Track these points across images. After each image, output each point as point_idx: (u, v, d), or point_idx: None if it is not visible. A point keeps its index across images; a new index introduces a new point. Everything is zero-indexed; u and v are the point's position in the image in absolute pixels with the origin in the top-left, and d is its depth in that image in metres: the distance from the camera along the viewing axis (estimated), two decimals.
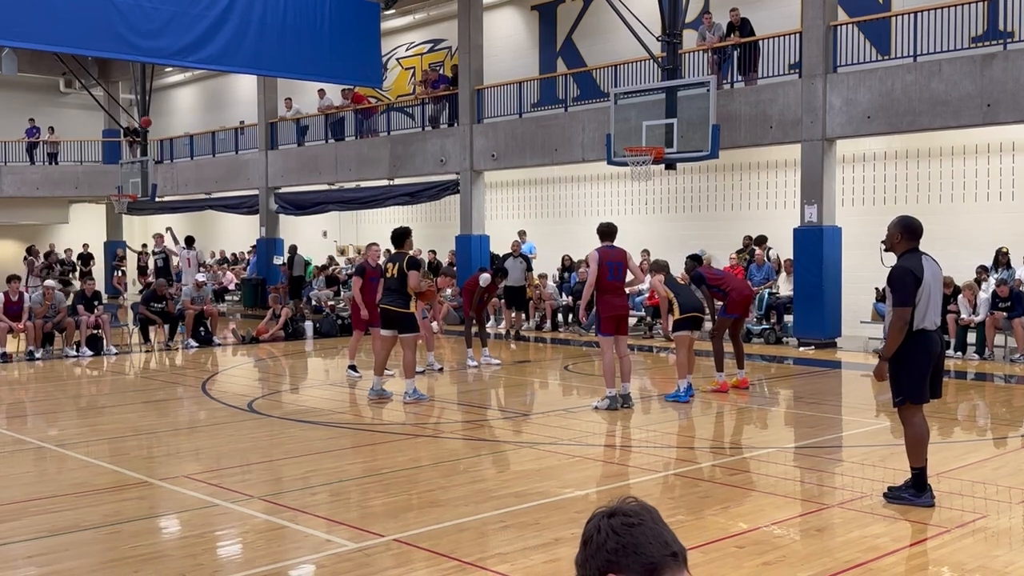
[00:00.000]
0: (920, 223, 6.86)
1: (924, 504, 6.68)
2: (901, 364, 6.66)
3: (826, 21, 16.38)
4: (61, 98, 35.18)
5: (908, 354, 6.64)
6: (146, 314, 18.21)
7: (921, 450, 6.77)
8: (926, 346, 6.65)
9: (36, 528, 6.40)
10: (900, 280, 6.61)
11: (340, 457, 8.68)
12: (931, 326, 6.67)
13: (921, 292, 6.58)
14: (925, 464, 6.78)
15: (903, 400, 6.73)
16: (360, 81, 23.86)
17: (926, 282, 6.60)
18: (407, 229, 11.66)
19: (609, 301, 10.69)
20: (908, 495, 6.76)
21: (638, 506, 1.97)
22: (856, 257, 17.10)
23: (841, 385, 13.51)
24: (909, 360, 6.65)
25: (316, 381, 14.53)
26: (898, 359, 6.66)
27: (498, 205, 24.60)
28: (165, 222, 36.00)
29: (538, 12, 24.12)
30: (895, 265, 6.74)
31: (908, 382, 6.68)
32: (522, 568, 5.50)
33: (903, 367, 6.66)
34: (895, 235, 6.79)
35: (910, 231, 6.77)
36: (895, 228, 6.81)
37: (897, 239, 6.78)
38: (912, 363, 6.65)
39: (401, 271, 11.19)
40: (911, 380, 6.67)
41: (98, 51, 20.29)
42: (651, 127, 16.44)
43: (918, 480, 6.77)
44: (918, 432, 6.78)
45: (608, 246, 10.81)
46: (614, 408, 10.66)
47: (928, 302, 6.62)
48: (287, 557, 5.86)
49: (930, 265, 6.69)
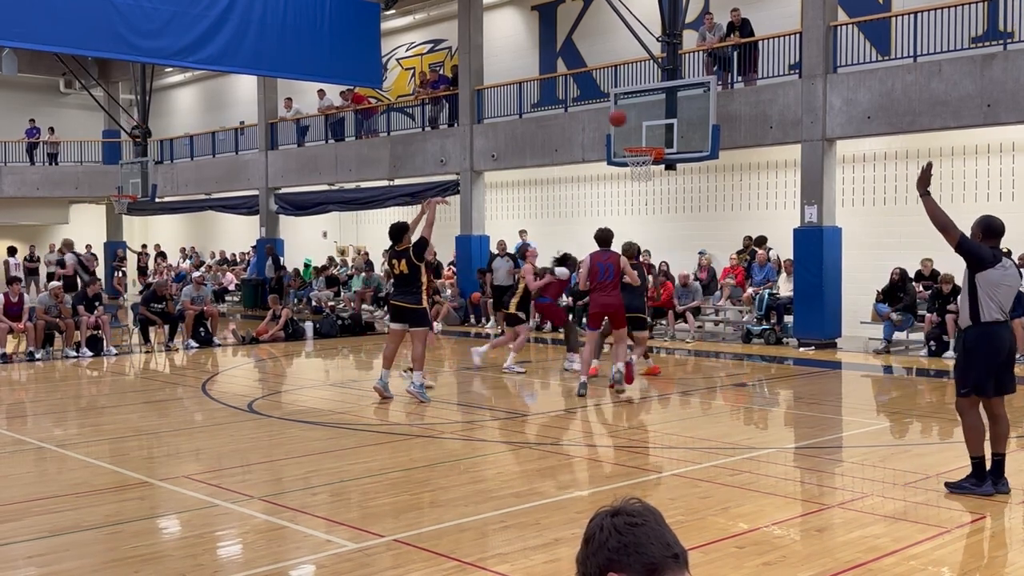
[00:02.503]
0: (1001, 222, 6.84)
1: (984, 493, 6.78)
2: (970, 355, 6.68)
3: (826, 21, 16.38)
4: (61, 98, 35.17)
5: (978, 346, 6.66)
6: (146, 314, 18.20)
7: (979, 440, 6.84)
8: (994, 338, 6.68)
9: (37, 528, 6.41)
10: (981, 253, 6.62)
11: (340, 457, 8.68)
12: (1001, 317, 6.68)
13: (990, 281, 6.60)
14: (983, 454, 6.87)
15: (969, 391, 6.76)
16: (360, 81, 23.87)
17: (997, 273, 6.60)
18: (405, 224, 11.70)
19: (596, 299, 11.71)
20: (968, 484, 6.87)
21: (641, 506, 1.98)
22: (856, 257, 17.11)
23: (841, 386, 13.51)
24: (979, 352, 6.66)
25: (316, 381, 14.52)
26: (966, 350, 6.71)
27: (498, 205, 24.60)
28: (165, 222, 36.15)
29: (538, 12, 24.11)
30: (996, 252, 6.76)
31: (975, 374, 6.71)
32: (522, 568, 5.50)
33: (972, 358, 6.68)
34: (976, 235, 6.77)
35: (991, 230, 6.75)
36: (976, 228, 6.78)
37: (979, 239, 6.75)
38: (982, 355, 6.67)
39: (411, 264, 11.25)
40: (978, 372, 6.71)
41: (98, 51, 20.29)
42: (651, 127, 16.44)
43: (978, 469, 6.86)
44: (975, 422, 6.85)
45: (602, 251, 11.74)
46: (582, 395, 11.62)
47: (997, 294, 6.64)
48: (287, 557, 5.86)
49: (1010, 265, 6.75)
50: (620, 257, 11.80)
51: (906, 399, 12.30)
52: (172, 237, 35.57)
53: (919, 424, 10.37)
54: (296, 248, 29.09)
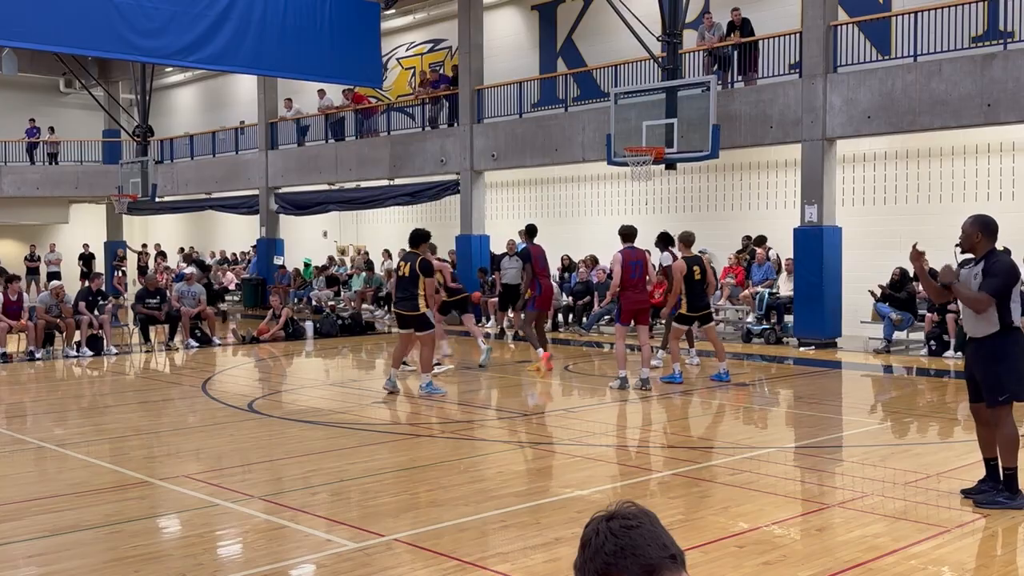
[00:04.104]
0: (995, 220, 6.68)
1: (1019, 507, 6.51)
2: (1002, 363, 6.51)
3: (826, 21, 16.38)
4: (61, 98, 35.17)
5: (1009, 352, 6.51)
6: (143, 311, 18.19)
7: (1016, 450, 6.65)
8: (1022, 341, 6.55)
9: (37, 528, 6.41)
10: (1007, 272, 6.47)
11: (340, 457, 8.69)
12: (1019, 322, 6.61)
13: (1016, 290, 6.53)
14: (1017, 465, 6.65)
15: (1008, 398, 6.55)
16: (360, 81, 23.87)
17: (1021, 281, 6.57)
18: (427, 233, 11.97)
19: (630, 296, 11.96)
20: (1003, 499, 6.58)
21: (636, 509, 1.98)
22: (856, 257, 17.11)
23: (841, 385, 13.51)
24: (1011, 358, 6.51)
25: (316, 381, 14.53)
26: (997, 358, 6.52)
27: (498, 205, 24.60)
28: (165, 222, 36.14)
29: (538, 12, 24.11)
30: (1002, 257, 6.57)
31: (1012, 378, 6.52)
32: (522, 568, 5.51)
33: (1004, 365, 6.51)
34: (974, 235, 6.56)
35: (989, 230, 6.57)
36: (973, 227, 6.57)
37: (977, 238, 6.55)
38: (1014, 360, 6.52)
39: (413, 270, 11.48)
40: (1013, 377, 6.53)
41: (98, 51, 20.28)
42: (651, 127, 16.44)
43: (1011, 481, 6.61)
44: (1014, 431, 6.67)
45: (630, 247, 12.03)
46: (624, 388, 11.86)
47: (1019, 299, 6.58)
48: (287, 557, 5.87)
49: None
50: (646, 253, 12.37)
51: (906, 399, 12.30)
52: (172, 237, 35.56)
53: (919, 424, 10.37)
54: (296, 248, 29.10)
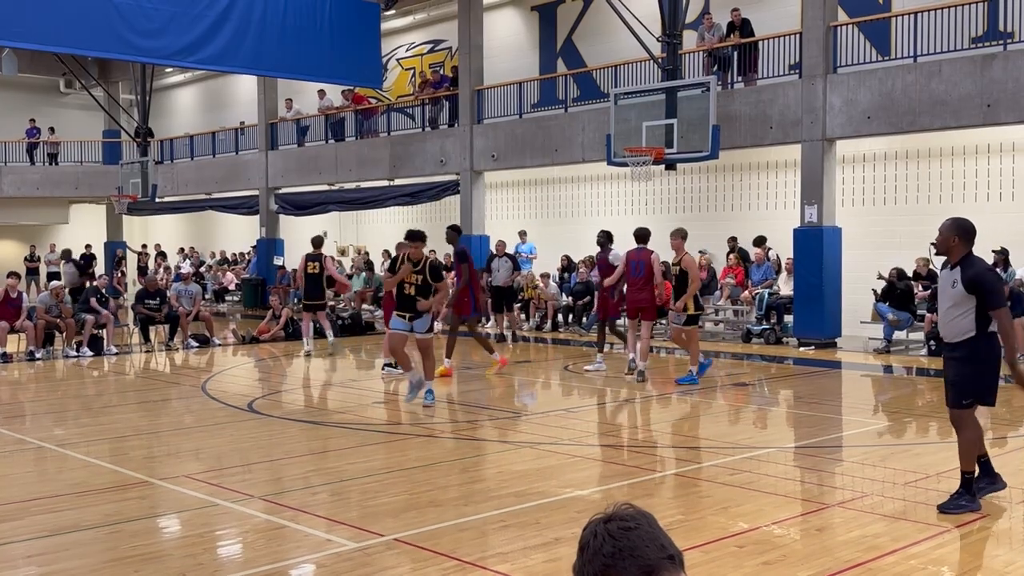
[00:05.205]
0: (973, 224, 6.55)
1: (977, 509, 6.51)
2: (982, 364, 6.45)
3: (826, 21, 16.38)
4: (61, 98, 35.17)
5: (990, 355, 6.46)
6: (143, 311, 18.19)
7: (975, 454, 6.63)
8: (998, 347, 6.50)
9: (36, 528, 6.41)
10: (994, 282, 6.43)
11: (340, 457, 8.69)
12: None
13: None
14: (975, 469, 6.64)
15: (972, 402, 6.51)
16: (360, 81, 23.87)
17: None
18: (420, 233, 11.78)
19: (629, 296, 12.84)
20: (965, 502, 6.54)
21: (634, 511, 1.98)
22: (856, 257, 17.11)
23: (841, 385, 13.51)
24: (987, 362, 6.47)
25: (316, 381, 14.52)
26: (972, 361, 6.43)
27: (498, 205, 24.60)
28: (165, 222, 36.14)
29: (538, 12, 24.11)
30: (979, 268, 6.44)
31: (982, 382, 6.49)
32: (522, 568, 5.51)
33: (983, 367, 6.46)
34: (950, 239, 6.43)
35: (966, 234, 6.44)
36: (950, 231, 6.43)
37: (953, 242, 6.42)
38: (991, 364, 6.48)
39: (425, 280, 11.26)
40: (984, 381, 6.49)
41: (98, 51, 20.29)
42: (651, 127, 16.45)
43: (970, 485, 6.59)
44: (978, 434, 6.63)
45: (637, 248, 12.65)
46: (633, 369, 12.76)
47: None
48: (287, 557, 5.87)
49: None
50: (652, 254, 12.64)
51: (906, 399, 12.30)
52: (172, 237, 35.57)
53: (919, 424, 10.37)
54: (296, 248, 29.05)
